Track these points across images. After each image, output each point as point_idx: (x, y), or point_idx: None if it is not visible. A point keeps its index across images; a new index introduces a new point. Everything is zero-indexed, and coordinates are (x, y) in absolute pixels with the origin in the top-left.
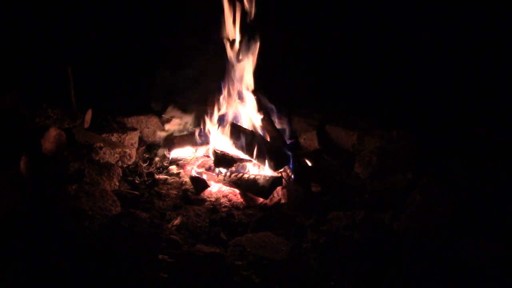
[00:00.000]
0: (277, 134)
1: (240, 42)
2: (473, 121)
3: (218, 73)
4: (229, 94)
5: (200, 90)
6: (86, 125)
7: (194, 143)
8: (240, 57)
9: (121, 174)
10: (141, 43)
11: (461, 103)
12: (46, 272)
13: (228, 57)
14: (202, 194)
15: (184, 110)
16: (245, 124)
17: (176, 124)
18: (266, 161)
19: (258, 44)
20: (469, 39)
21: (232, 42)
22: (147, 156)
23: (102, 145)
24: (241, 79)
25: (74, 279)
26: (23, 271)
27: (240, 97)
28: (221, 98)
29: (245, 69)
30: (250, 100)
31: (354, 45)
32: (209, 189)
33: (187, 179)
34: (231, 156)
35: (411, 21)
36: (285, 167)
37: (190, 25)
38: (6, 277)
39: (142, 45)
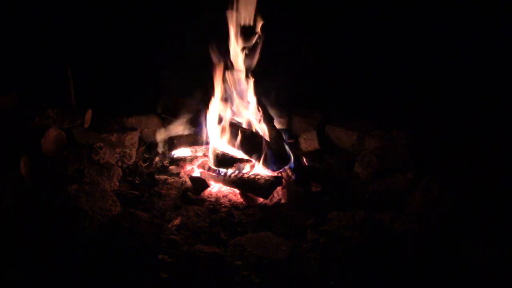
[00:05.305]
0: (277, 134)
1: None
2: (473, 121)
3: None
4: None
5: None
6: (86, 125)
7: (195, 142)
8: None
9: (121, 174)
10: (141, 42)
11: (461, 103)
12: (46, 272)
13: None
14: (202, 194)
15: (185, 109)
16: (245, 124)
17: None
18: (266, 161)
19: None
20: (469, 38)
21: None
22: (147, 156)
23: (102, 145)
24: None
25: (74, 279)
26: (23, 271)
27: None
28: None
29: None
30: (250, 100)
31: (354, 45)
32: (209, 189)
33: (187, 179)
34: (231, 156)
35: (411, 21)
36: (285, 167)
37: (193, 24)
38: (6, 277)
39: (142, 45)
